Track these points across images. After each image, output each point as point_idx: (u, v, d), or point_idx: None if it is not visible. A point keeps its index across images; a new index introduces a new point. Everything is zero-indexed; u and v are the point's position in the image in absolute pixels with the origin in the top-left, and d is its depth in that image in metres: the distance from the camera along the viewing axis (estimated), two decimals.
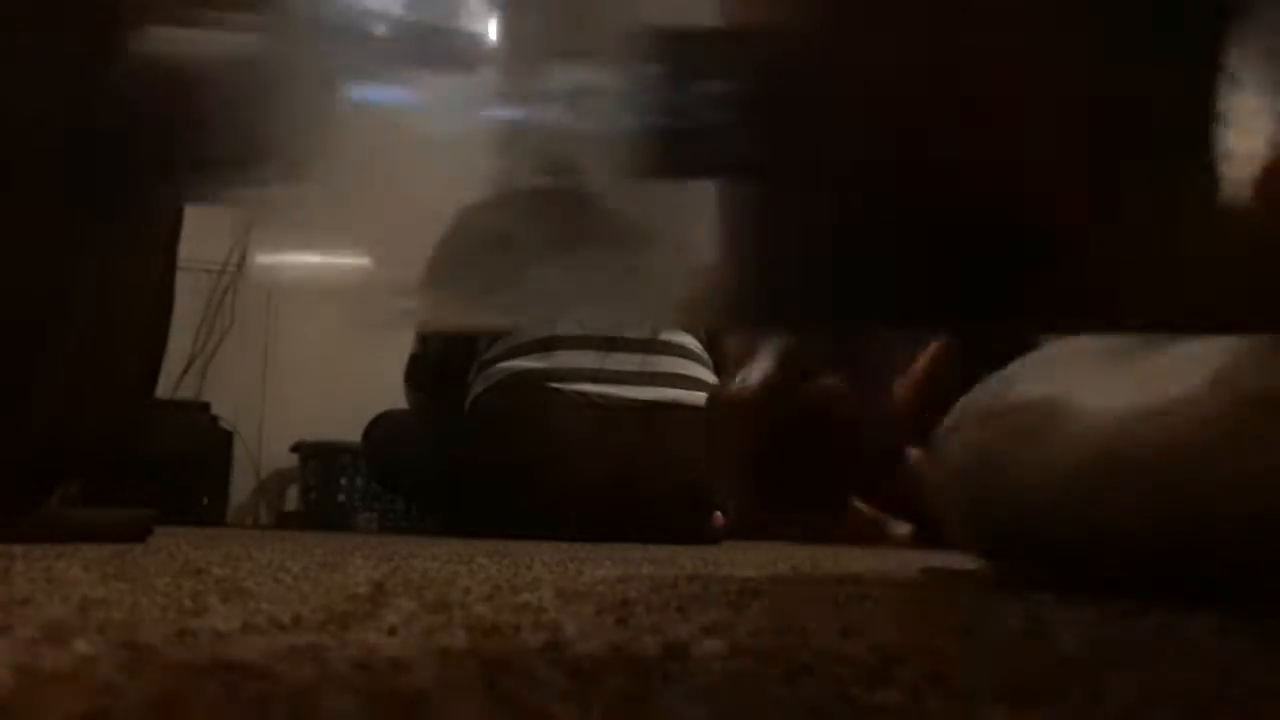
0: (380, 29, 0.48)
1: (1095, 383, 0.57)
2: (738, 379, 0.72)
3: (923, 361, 0.79)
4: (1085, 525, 0.54)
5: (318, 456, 2.74)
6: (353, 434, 2.26)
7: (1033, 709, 0.23)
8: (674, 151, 0.43)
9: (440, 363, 2.06)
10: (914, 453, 0.86)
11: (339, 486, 2.72)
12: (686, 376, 1.94)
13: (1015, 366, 0.68)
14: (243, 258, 3.00)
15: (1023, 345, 0.70)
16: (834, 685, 0.25)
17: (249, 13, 0.44)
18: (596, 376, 1.89)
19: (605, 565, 0.82)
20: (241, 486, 2.90)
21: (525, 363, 1.89)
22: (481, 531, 1.72)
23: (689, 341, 1.99)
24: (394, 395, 2.17)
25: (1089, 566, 0.56)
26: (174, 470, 2.43)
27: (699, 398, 1.93)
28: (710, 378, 1.98)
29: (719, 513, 1.89)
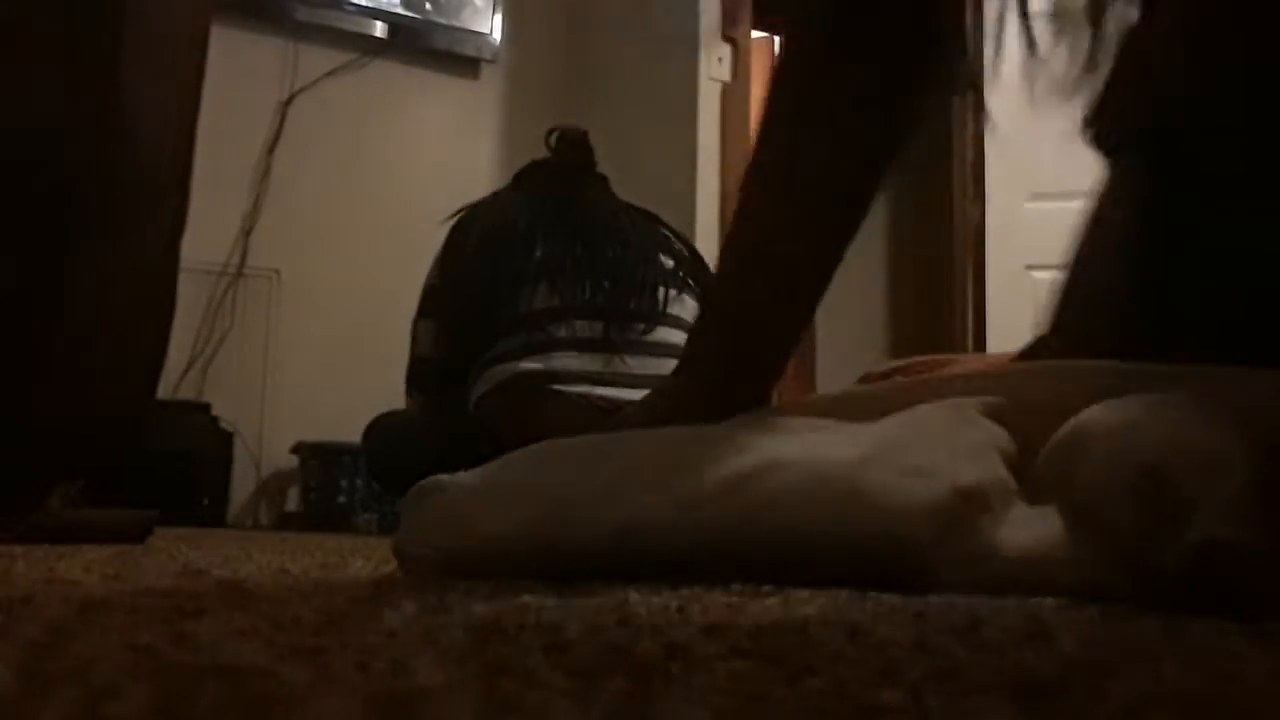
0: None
1: None
2: None
3: None
4: None
5: (318, 457, 2.74)
6: (353, 435, 2.26)
7: (1035, 709, 0.23)
8: None
9: (442, 366, 2.06)
10: None
11: (339, 487, 2.72)
12: None
13: None
14: (243, 259, 3.00)
15: None
16: (837, 686, 0.25)
17: None
18: (598, 379, 1.88)
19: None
20: (242, 487, 2.90)
21: (527, 364, 1.89)
22: None
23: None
24: (394, 396, 2.17)
25: None
26: (174, 471, 2.43)
27: None
28: None
29: None
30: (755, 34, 3.11)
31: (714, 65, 2.98)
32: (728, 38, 3.00)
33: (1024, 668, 0.29)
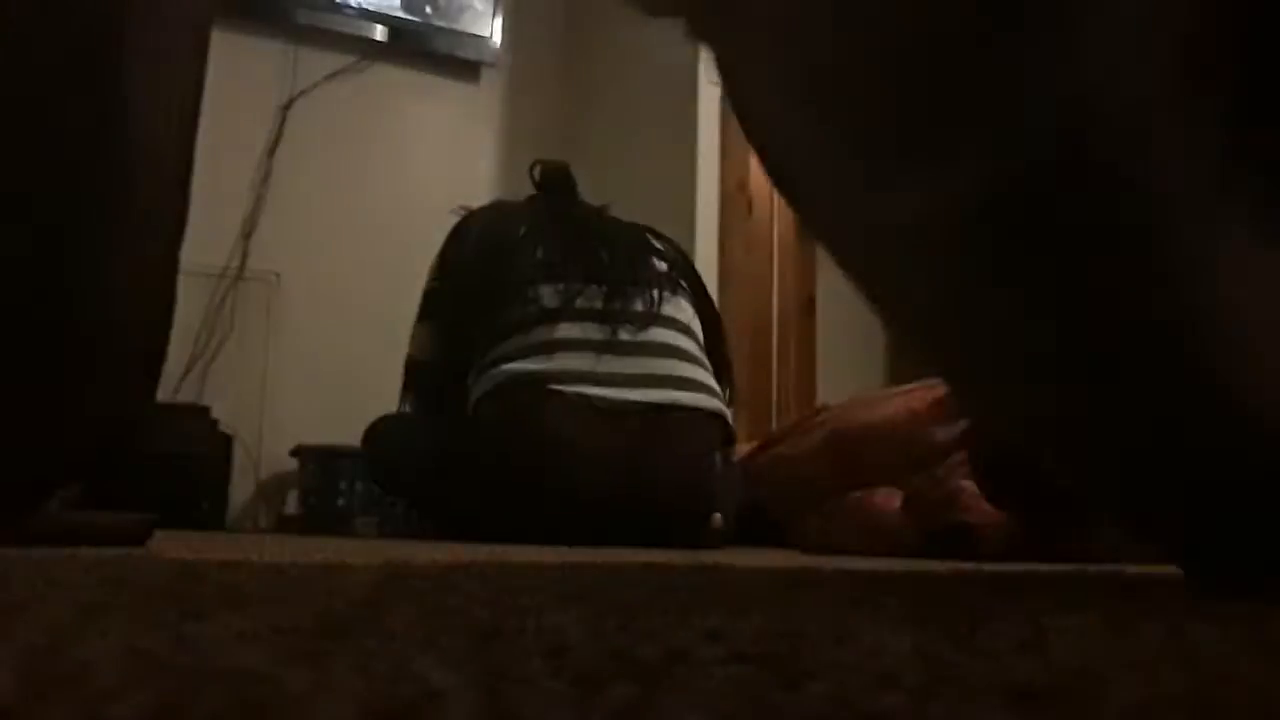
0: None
1: None
2: None
3: None
4: None
5: (317, 460, 2.74)
6: (352, 438, 2.26)
7: (1036, 713, 0.23)
8: None
9: (442, 368, 2.06)
10: None
11: (338, 490, 2.72)
12: (685, 379, 1.94)
13: None
14: (243, 262, 3.00)
15: None
16: (836, 691, 0.25)
17: None
18: (596, 379, 1.88)
19: (606, 569, 0.81)
20: (241, 490, 2.90)
21: (525, 365, 1.89)
22: (481, 535, 1.71)
23: (687, 344, 1.99)
24: (394, 399, 2.17)
25: None
26: (174, 474, 2.43)
27: (697, 399, 1.93)
28: (708, 380, 1.98)
29: (718, 515, 1.89)
30: None
31: (714, 69, 2.98)
32: None
33: (1026, 673, 0.29)
